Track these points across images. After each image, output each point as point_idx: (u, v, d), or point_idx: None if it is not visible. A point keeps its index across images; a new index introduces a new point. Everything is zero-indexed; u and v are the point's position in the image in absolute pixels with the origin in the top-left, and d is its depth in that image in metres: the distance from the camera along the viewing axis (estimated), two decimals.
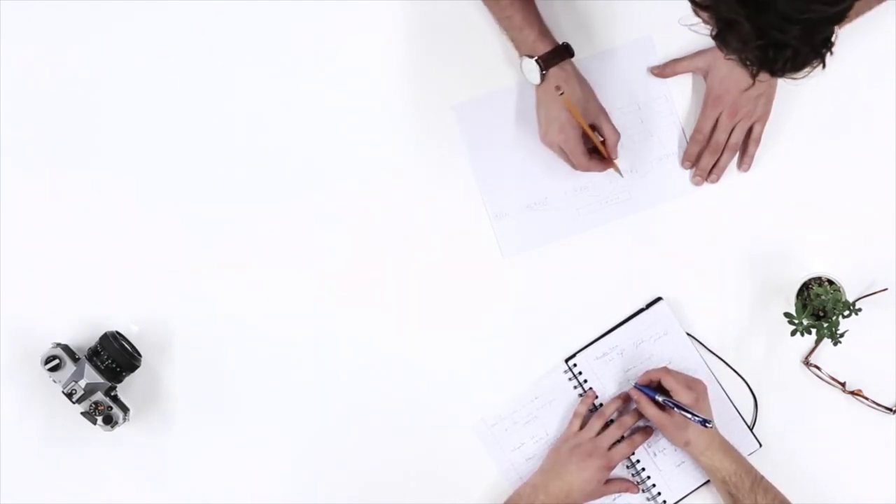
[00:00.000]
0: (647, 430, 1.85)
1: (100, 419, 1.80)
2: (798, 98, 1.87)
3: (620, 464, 1.86)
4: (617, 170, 1.85)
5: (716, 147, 1.86)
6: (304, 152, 1.89)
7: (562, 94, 1.78)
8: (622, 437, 1.85)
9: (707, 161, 1.87)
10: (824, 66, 1.37)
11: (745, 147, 1.88)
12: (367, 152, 1.89)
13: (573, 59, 1.81)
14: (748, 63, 1.37)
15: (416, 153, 1.89)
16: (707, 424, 1.77)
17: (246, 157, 1.89)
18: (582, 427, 1.85)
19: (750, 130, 1.87)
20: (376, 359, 1.89)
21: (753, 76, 1.40)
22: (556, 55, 1.79)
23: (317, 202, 1.89)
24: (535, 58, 1.78)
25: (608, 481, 1.84)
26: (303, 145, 1.89)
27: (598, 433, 1.83)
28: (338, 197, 1.89)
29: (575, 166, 1.82)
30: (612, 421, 1.85)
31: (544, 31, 1.79)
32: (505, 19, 1.80)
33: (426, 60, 1.88)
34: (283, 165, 1.89)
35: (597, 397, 1.87)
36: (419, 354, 1.88)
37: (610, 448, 1.82)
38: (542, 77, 1.78)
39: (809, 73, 1.38)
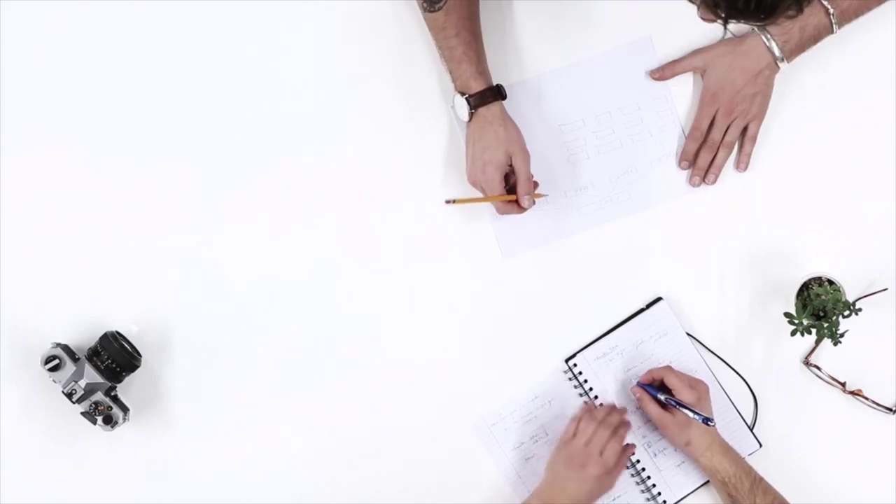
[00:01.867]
0: (627, 422, 1.84)
1: (100, 419, 1.80)
2: (798, 97, 1.88)
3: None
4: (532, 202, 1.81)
5: (712, 145, 1.87)
6: (303, 153, 1.89)
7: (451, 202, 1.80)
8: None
9: (704, 159, 1.88)
10: (801, 11, 1.36)
11: (742, 146, 1.88)
12: (366, 153, 1.89)
13: (504, 102, 1.81)
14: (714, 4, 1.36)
15: (414, 153, 1.89)
16: (710, 423, 1.77)
17: (247, 158, 1.89)
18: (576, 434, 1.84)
19: (746, 129, 1.87)
20: (376, 358, 1.89)
21: (723, 20, 1.38)
22: (488, 96, 1.78)
23: (316, 203, 1.89)
24: (466, 96, 1.78)
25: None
26: (302, 146, 1.89)
27: (591, 438, 1.82)
28: (337, 197, 1.89)
29: (528, 175, 1.81)
30: None
31: (482, 70, 1.79)
32: (447, 49, 1.79)
33: (426, 61, 1.87)
34: (282, 168, 1.89)
35: (599, 406, 1.87)
36: (419, 354, 1.88)
37: (602, 452, 1.81)
38: (471, 116, 1.79)
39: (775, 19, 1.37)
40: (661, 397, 1.81)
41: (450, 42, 1.78)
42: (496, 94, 1.79)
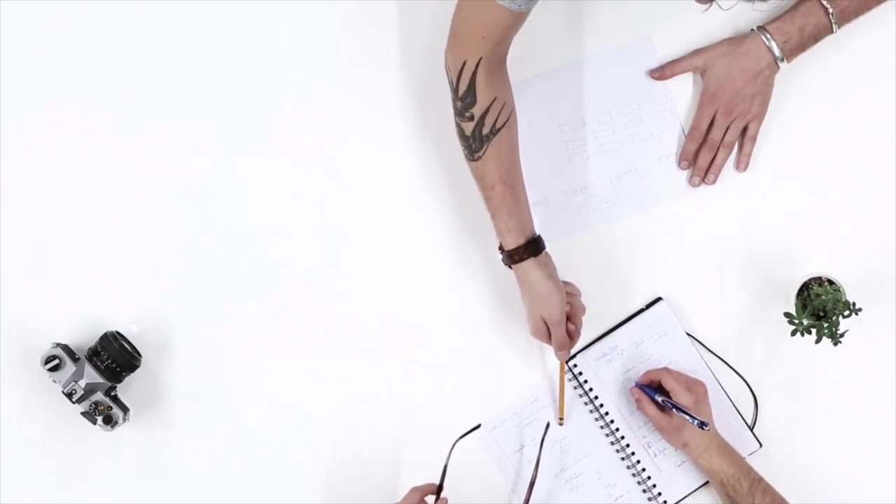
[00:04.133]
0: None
1: (100, 419, 1.80)
2: (798, 97, 1.88)
3: (620, 463, 1.87)
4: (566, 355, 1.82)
5: (711, 145, 1.87)
6: (304, 153, 1.89)
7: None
8: None
9: (704, 159, 1.88)
10: None
11: (742, 146, 1.88)
12: (367, 153, 1.89)
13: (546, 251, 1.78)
14: None
15: (415, 153, 1.89)
16: (704, 427, 1.76)
17: (245, 158, 1.89)
18: None
19: (746, 129, 1.87)
20: (376, 360, 1.89)
21: None
22: (515, 256, 1.74)
23: (317, 203, 1.89)
24: (501, 252, 1.76)
25: None
26: (302, 146, 1.89)
27: None
28: (338, 198, 1.89)
29: (559, 337, 1.78)
30: None
31: (512, 227, 1.73)
32: (484, 199, 1.75)
33: (426, 60, 1.87)
34: (282, 167, 1.89)
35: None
36: (419, 357, 1.88)
37: None
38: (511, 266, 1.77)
39: None
40: (659, 399, 1.81)
41: (486, 193, 1.74)
42: (528, 250, 1.74)
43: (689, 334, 1.88)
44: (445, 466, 1.80)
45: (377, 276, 1.89)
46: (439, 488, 1.79)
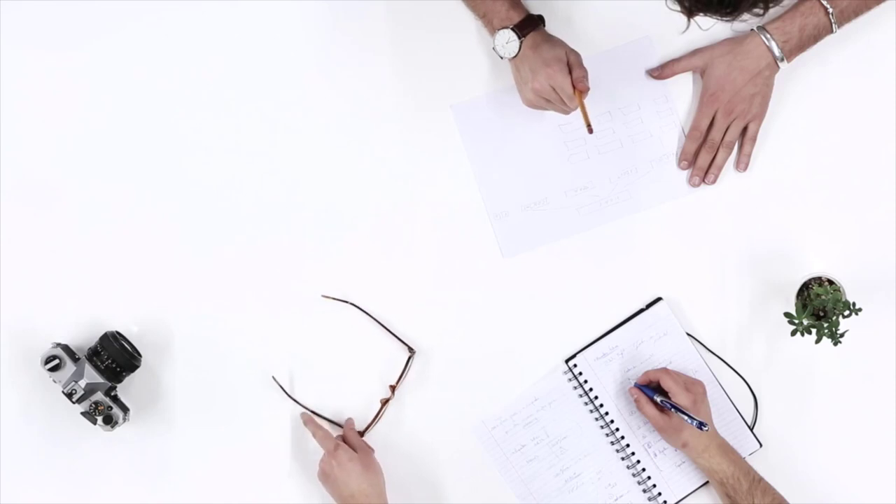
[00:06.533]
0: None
1: (100, 419, 1.80)
2: (798, 97, 1.88)
3: (620, 463, 1.87)
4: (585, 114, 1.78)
5: (711, 145, 1.87)
6: (303, 153, 1.89)
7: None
8: None
9: (704, 159, 1.88)
10: (767, 8, 1.39)
11: (742, 146, 1.88)
12: (366, 153, 1.89)
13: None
14: None
15: (415, 153, 1.89)
16: (703, 428, 1.76)
17: (244, 159, 1.89)
18: None
19: (746, 129, 1.87)
20: (376, 361, 1.88)
21: (687, 12, 1.40)
22: (531, 23, 1.76)
23: (316, 203, 1.89)
24: (511, 27, 1.75)
25: None
26: (301, 146, 1.89)
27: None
28: (338, 198, 1.89)
29: (566, 101, 1.76)
30: None
31: (516, 2, 1.77)
32: None
33: (425, 60, 1.88)
34: (281, 166, 1.89)
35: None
36: (417, 356, 1.88)
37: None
38: (520, 46, 1.75)
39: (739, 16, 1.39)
40: (658, 399, 1.81)
41: None
42: (539, 20, 1.78)
43: (689, 334, 1.88)
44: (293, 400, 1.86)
45: (378, 276, 1.89)
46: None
